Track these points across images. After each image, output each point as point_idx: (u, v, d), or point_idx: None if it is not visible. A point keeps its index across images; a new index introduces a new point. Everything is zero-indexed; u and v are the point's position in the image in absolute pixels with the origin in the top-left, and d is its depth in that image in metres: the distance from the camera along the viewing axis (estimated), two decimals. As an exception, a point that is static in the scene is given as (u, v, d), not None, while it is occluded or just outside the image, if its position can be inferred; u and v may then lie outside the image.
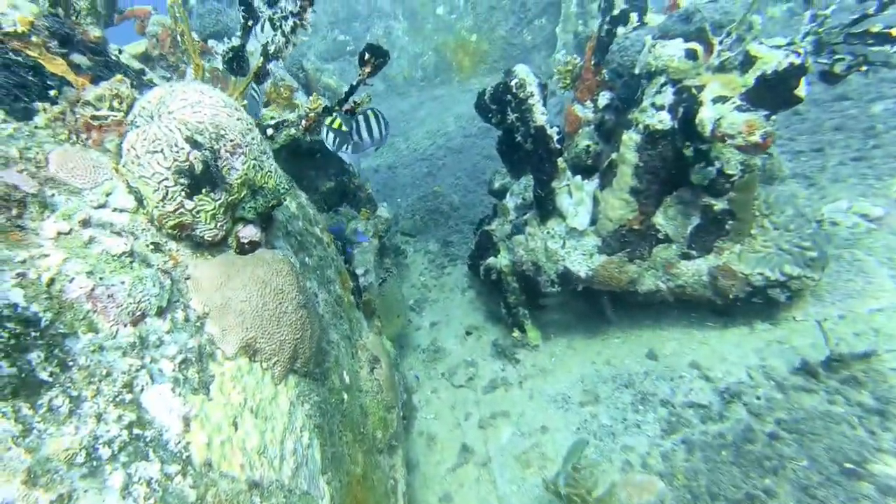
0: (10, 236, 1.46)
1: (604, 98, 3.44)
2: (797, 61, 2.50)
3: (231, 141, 1.94)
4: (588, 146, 3.49)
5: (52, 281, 1.41)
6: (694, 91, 2.74)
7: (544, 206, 3.36)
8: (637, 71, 2.91)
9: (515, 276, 3.80)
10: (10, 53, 1.89)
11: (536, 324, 4.26)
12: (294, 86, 5.14)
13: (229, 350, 1.88)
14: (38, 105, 1.84)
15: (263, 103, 4.70)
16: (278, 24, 2.09)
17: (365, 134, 2.95)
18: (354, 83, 2.20)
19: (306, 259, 2.69)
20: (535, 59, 8.97)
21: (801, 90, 2.51)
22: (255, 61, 2.28)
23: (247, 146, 2.00)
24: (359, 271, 4.87)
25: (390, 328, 4.43)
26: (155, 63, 4.41)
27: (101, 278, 1.50)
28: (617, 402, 3.61)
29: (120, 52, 2.48)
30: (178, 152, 1.80)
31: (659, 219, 2.95)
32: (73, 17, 2.25)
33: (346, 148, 2.52)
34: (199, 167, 1.83)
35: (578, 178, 3.27)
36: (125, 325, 1.58)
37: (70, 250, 1.50)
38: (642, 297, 3.48)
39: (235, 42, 2.19)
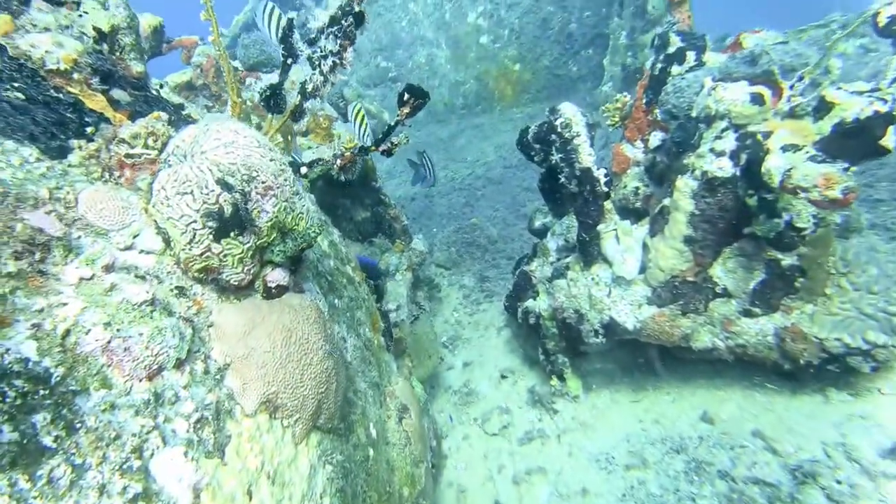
0: (30, 282, 1.40)
1: (655, 139, 3.26)
2: (883, 109, 2.27)
3: (263, 183, 1.87)
4: (637, 188, 3.30)
5: (67, 332, 1.34)
6: (760, 137, 2.53)
7: (588, 251, 3.17)
8: (694, 114, 2.72)
9: (555, 321, 3.59)
10: (52, 90, 1.91)
11: (577, 373, 4.01)
12: (333, 115, 5.18)
13: (249, 406, 1.77)
14: (74, 142, 1.83)
15: (301, 132, 4.73)
16: (317, 63, 2.04)
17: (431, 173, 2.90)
18: (392, 123, 2.12)
19: (336, 301, 2.59)
20: (581, 90, 8.84)
21: (889, 140, 2.26)
22: (292, 99, 2.24)
23: (279, 188, 1.93)
24: (391, 306, 4.77)
25: (422, 369, 4.27)
26: (198, 92, 4.53)
27: (118, 329, 1.42)
28: (668, 468, 3.30)
29: (161, 86, 2.50)
30: (207, 194, 1.74)
31: (717, 271, 2.72)
32: (117, 53, 2.28)
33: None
34: (228, 210, 1.77)
35: (627, 223, 3.07)
36: (140, 381, 1.49)
37: (89, 299, 1.43)
38: (696, 355, 3.20)
39: (274, 79, 2.16)
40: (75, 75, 1.99)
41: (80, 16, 2.21)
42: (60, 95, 1.92)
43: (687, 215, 2.69)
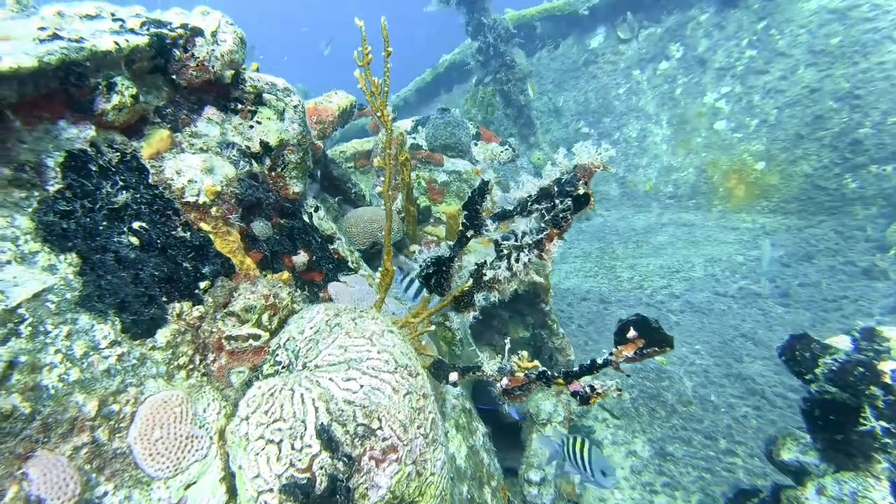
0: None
1: None
2: None
3: (384, 441, 1.29)
4: None
5: None
6: None
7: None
8: None
9: None
10: (179, 229, 1.63)
11: None
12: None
13: None
14: (175, 307, 1.50)
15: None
16: (507, 252, 1.44)
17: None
18: (600, 361, 1.41)
19: (454, 558, 1.91)
20: (857, 216, 6.85)
21: None
22: (459, 279, 1.67)
23: (406, 445, 1.33)
24: (532, 476, 3.94)
25: None
26: (373, 163, 4.45)
27: None
28: None
29: (316, 209, 2.17)
30: (299, 453, 1.22)
31: None
32: (278, 170, 2.00)
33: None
34: (321, 485, 1.22)
35: None
36: None
37: None
38: None
39: (444, 251, 1.62)
40: (213, 210, 1.71)
41: (252, 126, 1.98)
42: (187, 235, 1.64)
43: None
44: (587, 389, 1.51)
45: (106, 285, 1.40)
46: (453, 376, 1.71)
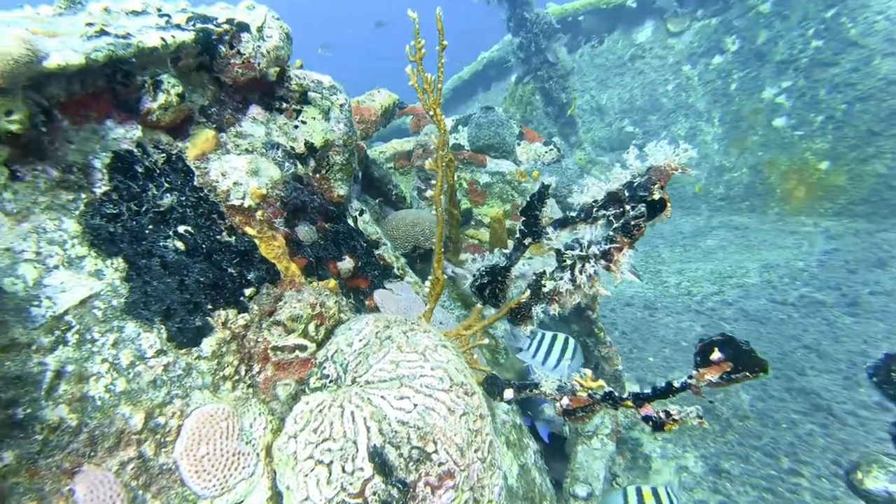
0: None
1: None
2: None
3: (440, 465, 1.21)
4: None
5: None
6: None
7: None
8: None
9: None
10: (224, 233, 1.59)
11: None
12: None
13: None
14: (220, 314, 1.46)
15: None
16: (569, 262, 1.34)
17: None
18: (676, 385, 1.28)
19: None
20: None
21: None
22: (515, 289, 1.57)
23: (464, 471, 1.25)
24: (578, 490, 3.81)
25: None
26: (414, 168, 4.38)
27: None
28: None
29: (361, 213, 2.11)
30: (350, 477, 1.15)
31: None
32: (323, 171, 1.95)
33: None
34: (372, 511, 1.15)
35: None
36: None
37: None
38: None
39: (498, 259, 1.53)
40: (258, 213, 1.67)
41: (297, 126, 1.93)
42: (232, 240, 1.60)
43: None
44: (661, 415, 1.38)
45: (152, 292, 1.37)
46: (509, 393, 1.62)
